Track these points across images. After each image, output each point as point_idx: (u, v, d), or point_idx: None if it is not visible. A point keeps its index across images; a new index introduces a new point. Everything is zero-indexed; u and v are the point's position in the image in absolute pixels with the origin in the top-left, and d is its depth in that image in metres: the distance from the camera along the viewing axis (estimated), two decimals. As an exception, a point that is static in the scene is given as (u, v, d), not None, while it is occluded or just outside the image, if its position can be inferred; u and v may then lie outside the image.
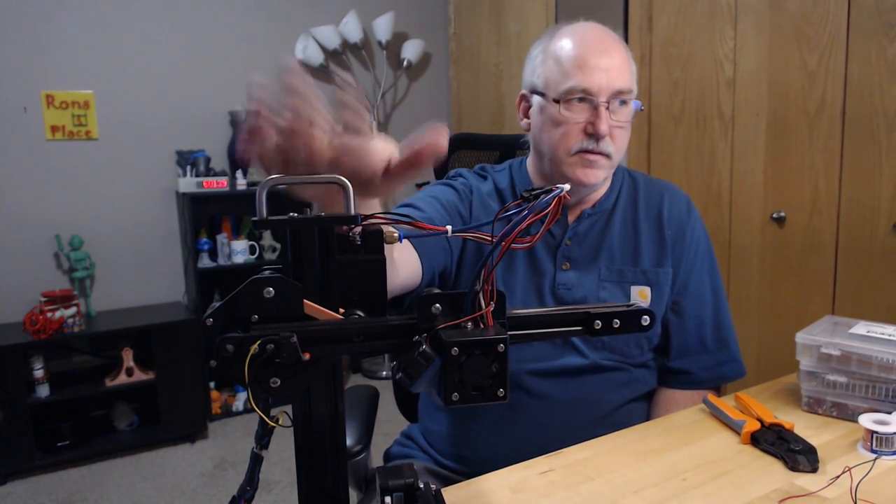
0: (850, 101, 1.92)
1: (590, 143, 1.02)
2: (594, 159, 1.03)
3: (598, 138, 1.01)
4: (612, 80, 1.01)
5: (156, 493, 2.44)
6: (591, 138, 1.02)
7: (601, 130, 1.00)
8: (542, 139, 1.07)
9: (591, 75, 1.00)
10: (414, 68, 3.71)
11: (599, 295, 1.07)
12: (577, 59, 1.01)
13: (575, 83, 1.01)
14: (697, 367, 1.13)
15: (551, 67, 1.04)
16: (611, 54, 1.02)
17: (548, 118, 1.05)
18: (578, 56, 1.02)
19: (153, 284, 3.14)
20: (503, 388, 0.48)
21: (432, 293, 0.51)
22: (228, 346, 0.47)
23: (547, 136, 1.05)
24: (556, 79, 1.03)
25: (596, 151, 1.02)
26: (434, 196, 1.08)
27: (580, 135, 1.02)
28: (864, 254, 1.91)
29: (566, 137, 1.03)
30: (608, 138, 1.02)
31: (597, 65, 1.01)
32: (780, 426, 0.88)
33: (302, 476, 0.54)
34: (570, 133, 1.03)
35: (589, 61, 1.01)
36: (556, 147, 1.04)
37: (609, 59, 1.01)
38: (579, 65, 1.01)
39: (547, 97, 1.04)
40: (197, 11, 3.14)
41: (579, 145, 1.03)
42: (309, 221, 0.49)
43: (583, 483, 0.80)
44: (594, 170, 1.04)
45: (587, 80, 1.00)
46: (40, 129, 2.86)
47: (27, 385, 2.57)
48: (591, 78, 1.00)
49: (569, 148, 1.03)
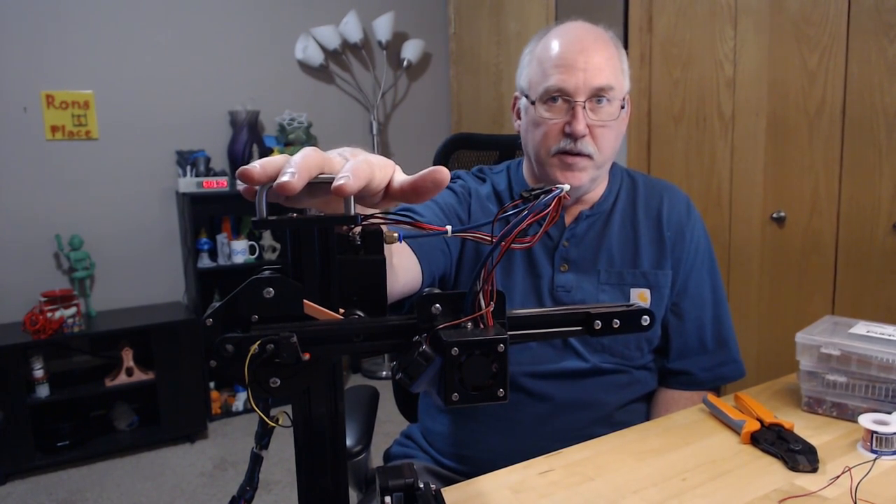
0: (850, 101, 1.92)
1: (567, 143, 1.02)
2: (572, 161, 1.02)
3: (574, 138, 1.01)
4: (589, 78, 1.00)
5: (156, 493, 2.44)
6: (569, 138, 1.01)
7: (577, 130, 1.00)
8: (526, 140, 1.08)
9: (568, 74, 1.00)
10: (414, 68, 3.71)
11: (599, 297, 1.07)
12: (555, 59, 1.01)
13: (551, 83, 1.01)
14: (697, 367, 1.13)
15: (534, 69, 1.05)
16: (590, 52, 1.01)
17: (530, 119, 1.05)
18: (557, 56, 1.01)
19: (153, 284, 3.14)
20: (503, 389, 0.48)
21: (432, 293, 0.51)
22: (228, 346, 0.47)
23: (530, 137, 1.06)
24: (536, 80, 1.04)
25: (574, 152, 1.02)
26: (432, 199, 1.08)
27: (559, 135, 1.02)
28: (864, 254, 1.91)
29: (546, 138, 1.03)
30: (588, 138, 1.01)
31: (574, 63, 1.00)
32: (780, 426, 0.88)
33: (302, 476, 0.54)
34: (549, 133, 1.03)
35: (567, 60, 1.00)
36: (538, 148, 1.05)
37: (587, 58, 1.00)
38: (557, 64, 1.01)
39: (529, 98, 1.05)
40: (197, 12, 3.14)
41: (558, 146, 1.02)
42: (309, 221, 0.49)
43: (583, 483, 0.80)
44: (574, 172, 1.03)
45: (563, 80, 1.00)
46: (40, 129, 2.86)
47: (27, 385, 2.57)
48: (568, 77, 1.00)
49: (548, 148, 1.03)
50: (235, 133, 3.20)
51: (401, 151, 3.78)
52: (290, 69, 3.41)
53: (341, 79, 3.56)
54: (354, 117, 3.61)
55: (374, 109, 3.61)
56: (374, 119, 3.58)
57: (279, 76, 3.37)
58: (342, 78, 3.56)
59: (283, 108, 3.34)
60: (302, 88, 3.44)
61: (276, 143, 3.33)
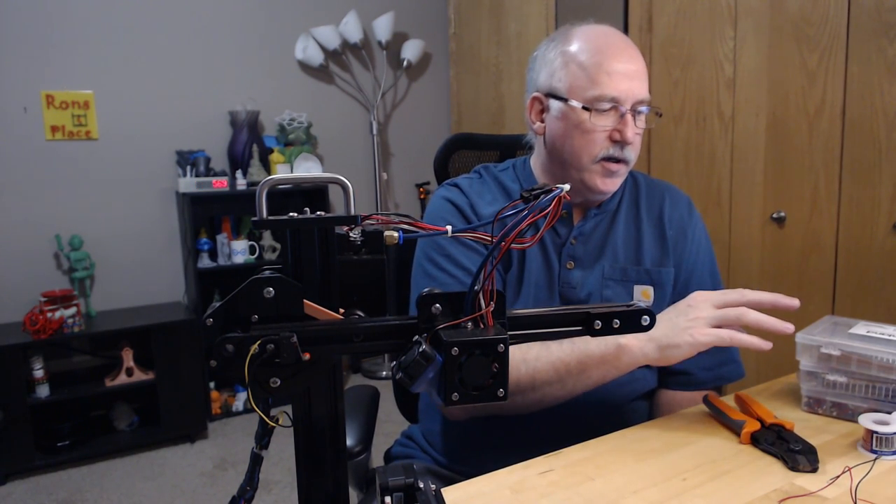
0: (850, 101, 1.92)
1: (615, 150, 1.03)
2: (616, 168, 1.05)
3: (623, 145, 1.03)
4: (635, 87, 1.02)
5: (156, 493, 2.44)
6: (617, 145, 1.03)
7: (628, 138, 1.02)
8: (563, 145, 1.06)
9: (618, 82, 1.01)
10: (414, 68, 3.71)
11: (603, 294, 1.08)
12: (603, 66, 1.01)
13: (604, 91, 1.01)
14: (697, 367, 1.13)
15: (575, 72, 1.03)
16: (634, 62, 1.03)
17: (573, 125, 1.04)
18: (604, 63, 1.01)
19: (153, 284, 3.14)
20: (503, 388, 0.48)
21: (433, 293, 0.51)
22: (228, 346, 0.47)
23: (570, 143, 1.05)
24: (581, 85, 1.02)
25: (620, 159, 1.04)
26: (460, 242, 1.06)
27: (606, 142, 1.03)
28: (864, 254, 1.91)
29: (592, 144, 1.03)
30: (630, 145, 1.03)
31: (623, 72, 1.01)
32: (780, 426, 0.88)
33: (302, 476, 0.54)
34: (596, 140, 1.03)
35: (616, 67, 1.01)
36: (580, 154, 1.04)
37: (634, 66, 1.02)
38: (607, 71, 1.01)
39: (571, 103, 1.03)
40: (197, 12, 3.14)
41: (605, 152, 1.03)
42: (309, 221, 0.49)
43: (583, 483, 0.80)
44: (614, 179, 1.06)
45: (616, 88, 1.00)
46: (40, 129, 2.86)
47: (27, 385, 2.57)
48: (618, 85, 1.00)
49: (594, 155, 1.04)
50: (235, 133, 3.20)
51: (401, 151, 3.79)
52: (290, 69, 3.41)
53: (341, 79, 3.56)
54: (354, 117, 3.61)
55: (374, 109, 3.61)
56: (374, 119, 3.58)
57: (279, 76, 3.37)
58: (342, 78, 3.56)
59: (283, 108, 3.34)
60: (302, 88, 3.44)
61: (276, 143, 3.33)
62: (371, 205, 3.64)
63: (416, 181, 3.81)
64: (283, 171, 3.22)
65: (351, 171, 3.55)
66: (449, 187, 1.15)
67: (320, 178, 0.49)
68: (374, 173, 3.59)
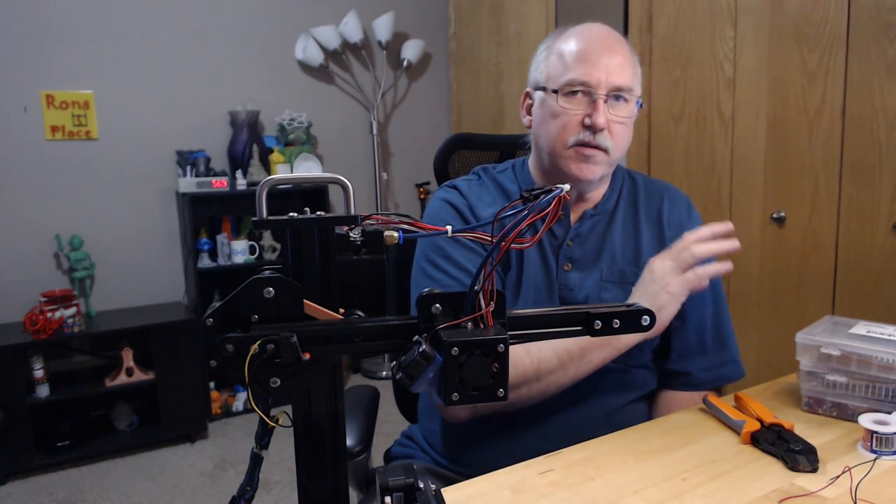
0: (850, 101, 1.92)
1: (586, 135, 1.03)
2: (590, 153, 1.04)
3: (594, 130, 1.02)
4: (612, 76, 1.02)
5: (156, 493, 2.44)
6: (588, 130, 1.02)
7: (598, 122, 1.01)
8: (540, 133, 1.08)
9: (591, 69, 1.01)
10: (414, 68, 3.71)
11: (602, 296, 1.07)
12: (579, 54, 1.03)
13: (575, 75, 1.02)
14: (697, 368, 1.13)
15: (554, 62, 1.06)
16: (613, 52, 1.03)
17: (547, 111, 1.06)
18: (581, 51, 1.03)
19: (153, 284, 3.14)
20: (503, 388, 0.48)
21: (433, 293, 0.51)
22: (228, 346, 0.47)
23: (545, 129, 1.06)
24: (557, 72, 1.04)
25: (592, 144, 1.03)
26: (460, 244, 1.07)
27: (577, 127, 1.03)
28: (864, 254, 1.91)
29: (564, 129, 1.04)
30: (606, 132, 1.03)
31: (598, 60, 1.02)
32: (780, 426, 0.88)
33: (302, 476, 0.54)
34: (567, 125, 1.03)
35: (591, 56, 1.02)
36: (554, 140, 1.05)
37: (611, 57, 1.03)
38: (581, 59, 1.02)
39: (547, 90, 1.05)
40: (197, 12, 3.14)
41: (576, 137, 1.03)
42: (309, 221, 0.49)
43: (583, 483, 0.80)
44: (590, 165, 1.04)
45: (587, 74, 1.01)
46: (40, 129, 2.86)
47: (27, 385, 2.57)
48: (591, 71, 1.01)
49: (565, 140, 1.04)
50: (235, 133, 3.20)
51: (401, 151, 3.79)
52: (290, 69, 3.41)
53: (341, 79, 3.56)
54: (354, 117, 3.61)
55: (374, 109, 3.61)
56: (374, 119, 3.58)
57: (279, 76, 3.37)
58: (342, 78, 3.56)
59: (283, 108, 3.34)
60: (302, 88, 3.44)
61: (276, 143, 3.33)
62: (371, 205, 3.64)
63: (416, 181, 3.81)
64: (283, 171, 3.22)
65: (351, 171, 3.55)
66: (448, 189, 1.15)
67: (320, 178, 0.49)
68: (374, 173, 3.59)
